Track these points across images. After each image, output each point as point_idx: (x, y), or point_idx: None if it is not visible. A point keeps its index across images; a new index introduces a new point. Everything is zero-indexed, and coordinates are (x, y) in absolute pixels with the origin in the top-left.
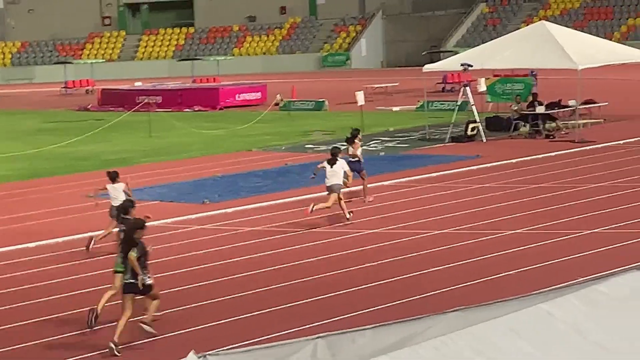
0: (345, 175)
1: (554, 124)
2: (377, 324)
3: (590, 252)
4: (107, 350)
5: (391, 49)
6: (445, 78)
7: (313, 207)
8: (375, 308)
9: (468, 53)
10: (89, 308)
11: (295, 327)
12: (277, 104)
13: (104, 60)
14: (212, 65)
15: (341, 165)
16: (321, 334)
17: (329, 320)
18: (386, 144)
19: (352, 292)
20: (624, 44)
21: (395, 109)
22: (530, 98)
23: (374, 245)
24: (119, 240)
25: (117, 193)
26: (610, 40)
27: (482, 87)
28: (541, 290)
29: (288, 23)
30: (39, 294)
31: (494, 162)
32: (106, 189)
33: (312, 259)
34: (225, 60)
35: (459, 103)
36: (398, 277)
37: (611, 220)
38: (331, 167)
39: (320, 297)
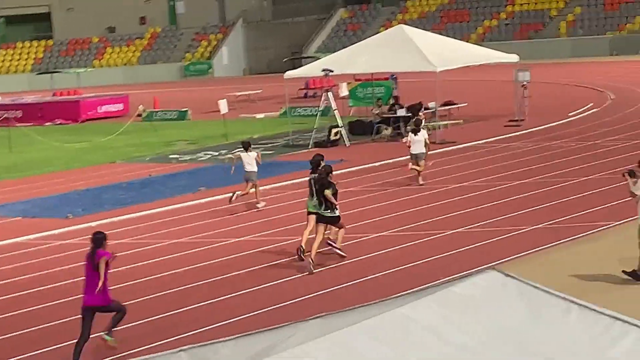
0: (426, 144)
1: None
2: (239, 335)
3: (453, 252)
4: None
5: (253, 56)
6: (308, 84)
7: (411, 166)
8: (238, 318)
9: (329, 58)
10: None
11: (158, 340)
12: (139, 115)
13: None
14: (72, 77)
15: (423, 134)
16: (184, 347)
17: (192, 332)
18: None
19: (216, 303)
20: (480, 45)
21: (258, 116)
22: (392, 101)
23: (240, 254)
24: (311, 187)
25: (250, 160)
26: (467, 42)
27: (344, 92)
28: (400, 294)
29: (148, 33)
30: None
31: (358, 166)
32: (240, 157)
33: (176, 270)
34: (85, 73)
35: (321, 108)
36: (262, 285)
37: (472, 219)
38: (415, 135)
39: (183, 309)
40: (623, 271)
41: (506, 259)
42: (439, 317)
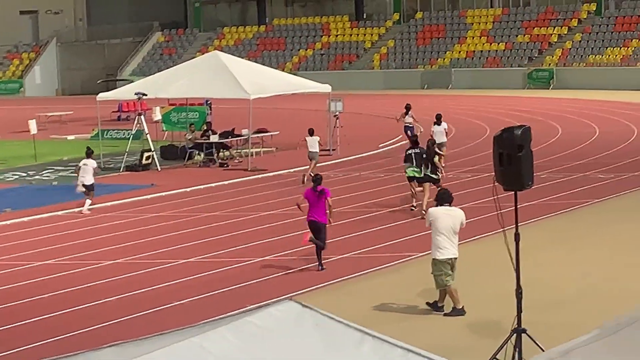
0: (446, 133)
1: (227, 153)
2: None
3: (257, 280)
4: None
5: (67, 76)
6: (121, 106)
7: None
8: (39, 343)
9: (144, 81)
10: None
11: None
12: None
13: None
14: None
15: (444, 126)
16: None
17: None
18: (60, 174)
19: (18, 327)
20: (295, 74)
21: (69, 137)
22: (205, 127)
23: (45, 277)
24: (412, 158)
25: (314, 142)
26: (283, 70)
27: (157, 116)
28: (196, 324)
29: None
30: None
31: (168, 191)
32: (305, 140)
33: None
34: None
35: (133, 132)
36: (62, 311)
37: (277, 248)
38: (438, 126)
39: None
40: (427, 303)
41: (310, 288)
42: (233, 348)
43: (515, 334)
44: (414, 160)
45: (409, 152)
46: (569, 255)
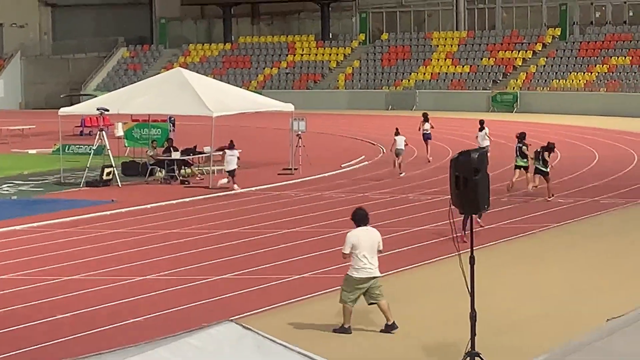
0: (489, 138)
1: (189, 170)
2: None
3: (216, 298)
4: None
5: (30, 90)
6: (84, 122)
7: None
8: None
9: (107, 97)
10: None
11: None
12: None
13: None
14: None
15: (486, 131)
16: None
17: None
18: (20, 188)
19: None
20: (260, 92)
21: (31, 151)
22: (167, 144)
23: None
24: (517, 151)
25: (401, 141)
26: (248, 88)
27: (120, 132)
28: (136, 344)
29: None
30: None
31: (129, 208)
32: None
33: None
34: None
35: (94, 147)
36: (16, 327)
37: (236, 267)
38: (480, 131)
39: None
40: (381, 330)
41: (267, 308)
42: None
43: (468, 358)
44: (517, 152)
45: (518, 145)
46: (526, 278)
